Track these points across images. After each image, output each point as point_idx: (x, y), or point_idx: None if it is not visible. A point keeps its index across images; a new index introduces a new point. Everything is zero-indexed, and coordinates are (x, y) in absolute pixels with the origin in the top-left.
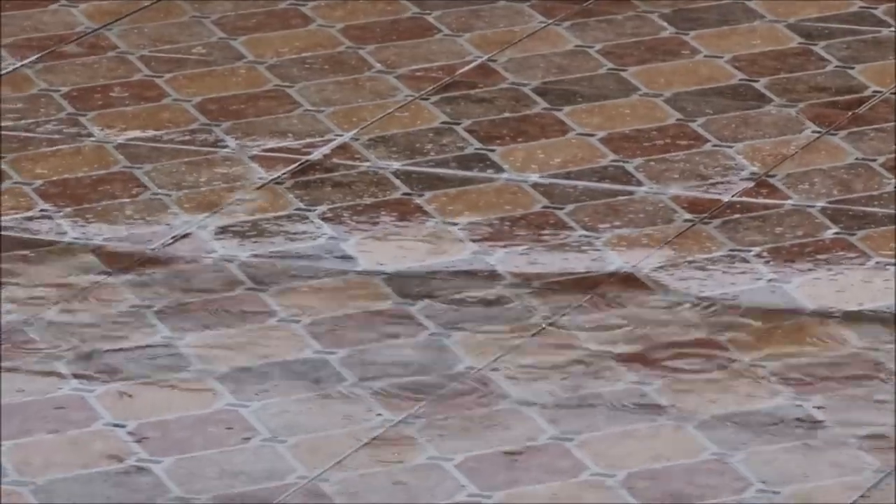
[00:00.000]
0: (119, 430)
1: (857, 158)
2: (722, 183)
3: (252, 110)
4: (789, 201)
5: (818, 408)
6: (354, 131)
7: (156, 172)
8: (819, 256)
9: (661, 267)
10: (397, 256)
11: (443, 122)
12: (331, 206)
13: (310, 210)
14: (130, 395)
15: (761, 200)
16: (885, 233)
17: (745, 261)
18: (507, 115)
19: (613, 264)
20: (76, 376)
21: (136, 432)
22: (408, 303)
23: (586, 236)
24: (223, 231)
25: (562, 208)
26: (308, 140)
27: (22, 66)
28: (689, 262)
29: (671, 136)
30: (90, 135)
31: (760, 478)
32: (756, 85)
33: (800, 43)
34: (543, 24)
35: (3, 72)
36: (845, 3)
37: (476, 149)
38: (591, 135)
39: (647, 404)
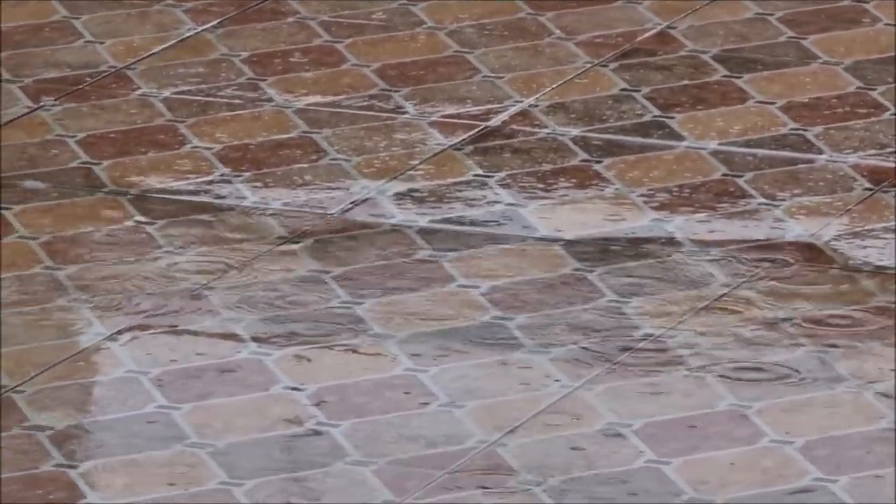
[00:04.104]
0: (297, 394)
1: None
2: None
3: (431, 76)
4: None
5: None
6: (534, 98)
7: (335, 137)
8: None
9: (840, 235)
10: (576, 223)
11: (622, 89)
12: (510, 173)
13: (489, 176)
14: (309, 360)
15: None
16: None
17: None
18: (686, 82)
19: (793, 232)
20: (255, 340)
21: (314, 396)
22: (586, 269)
23: (766, 204)
24: (402, 197)
25: (741, 176)
26: (487, 106)
27: (203, 30)
28: (869, 231)
29: (851, 104)
30: (270, 100)
31: None
32: None
33: None
34: None
35: (185, 36)
36: None
37: (655, 116)
38: (771, 103)
39: (827, 372)
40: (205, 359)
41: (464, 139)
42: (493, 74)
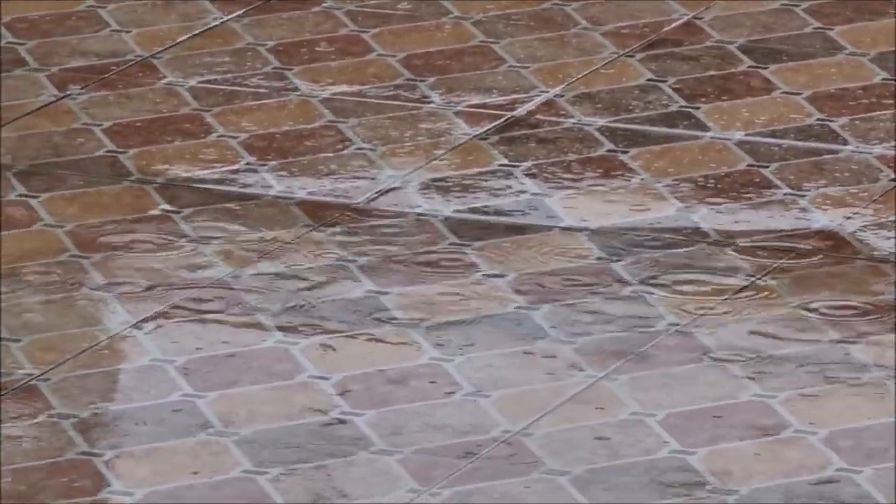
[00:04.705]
0: (322, 383)
1: None
2: None
3: (457, 66)
4: None
5: None
6: (559, 88)
7: (361, 127)
8: None
9: (865, 226)
10: (601, 213)
11: (648, 80)
12: (535, 163)
13: (514, 166)
14: (334, 349)
15: None
16: None
17: None
18: (712, 72)
19: (818, 223)
20: (280, 329)
21: (339, 385)
22: (611, 259)
23: (791, 194)
24: (427, 186)
25: (766, 166)
26: (513, 96)
27: (229, 19)
28: (894, 222)
29: (877, 95)
30: (296, 89)
31: None
32: None
33: None
34: None
35: (211, 25)
36: None
37: (681, 106)
38: (797, 93)
39: (851, 363)
40: (230, 347)
41: (489, 129)
42: (518, 64)
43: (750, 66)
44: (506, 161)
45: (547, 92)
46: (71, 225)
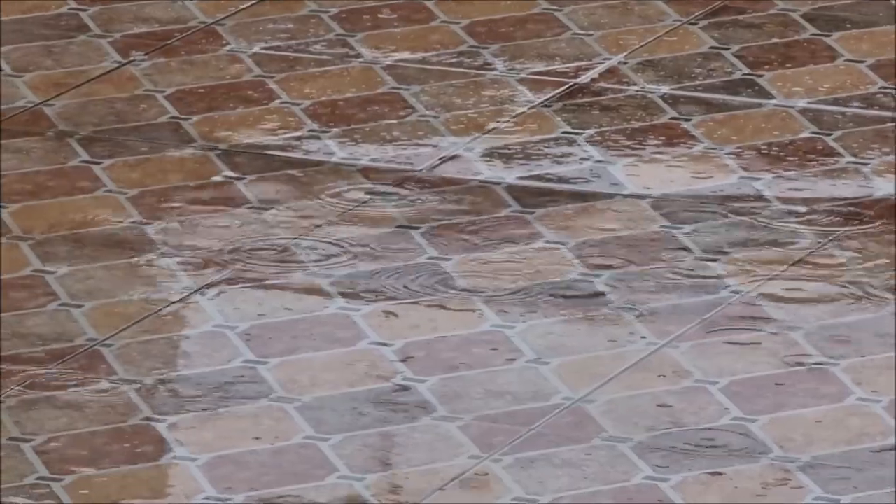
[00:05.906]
0: (384, 350)
1: None
2: None
3: (520, 33)
4: None
5: None
6: (623, 55)
7: (423, 94)
8: None
9: None
10: (664, 180)
11: (711, 47)
12: (598, 130)
13: (577, 133)
14: (396, 315)
15: None
16: None
17: None
18: (775, 40)
19: (881, 191)
20: (343, 295)
21: (401, 352)
22: (674, 227)
23: (854, 163)
24: (490, 153)
25: (829, 134)
26: (576, 63)
27: None
28: None
29: None
30: (359, 56)
31: None
32: None
33: None
34: None
35: None
36: None
37: (744, 74)
38: (860, 61)
39: None
40: (292, 314)
41: (552, 96)
42: (582, 32)
43: (813, 34)
44: (569, 128)
45: (610, 59)
46: (134, 191)
